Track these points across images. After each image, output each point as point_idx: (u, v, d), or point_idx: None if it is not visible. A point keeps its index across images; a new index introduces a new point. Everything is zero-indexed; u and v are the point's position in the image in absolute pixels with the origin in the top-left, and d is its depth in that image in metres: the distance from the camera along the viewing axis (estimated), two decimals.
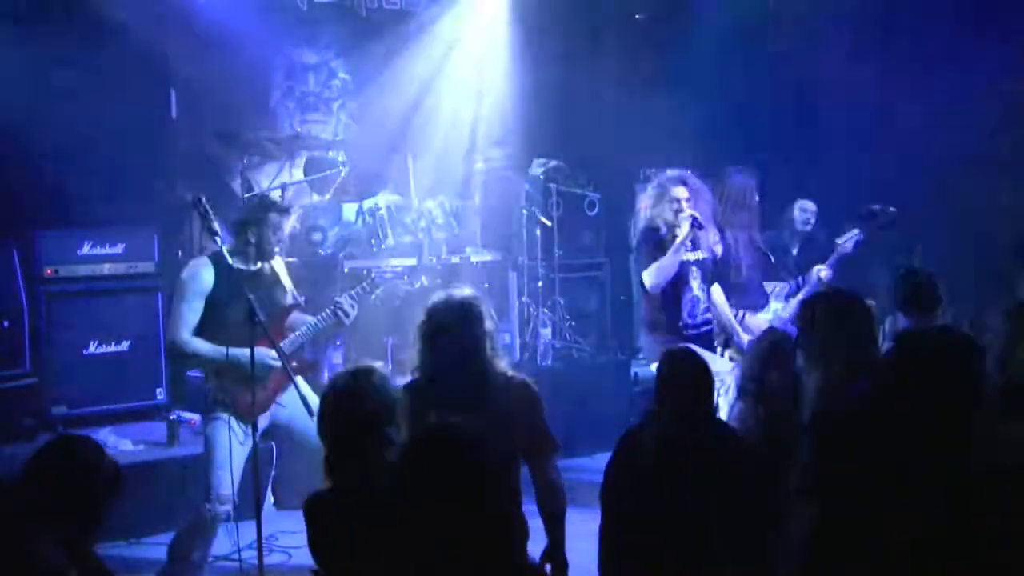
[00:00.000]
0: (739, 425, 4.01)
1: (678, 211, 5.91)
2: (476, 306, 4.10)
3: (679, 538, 3.57)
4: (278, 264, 5.36)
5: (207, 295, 4.99)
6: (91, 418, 6.59)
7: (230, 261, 4.97)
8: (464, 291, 4.21)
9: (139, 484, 5.92)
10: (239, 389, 4.92)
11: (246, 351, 4.66)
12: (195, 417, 6.79)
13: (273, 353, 4.98)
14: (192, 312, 5.02)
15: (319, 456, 5.04)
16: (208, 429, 5.07)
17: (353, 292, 5.49)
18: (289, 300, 5.40)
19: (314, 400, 5.15)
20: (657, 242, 5.94)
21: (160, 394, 7.00)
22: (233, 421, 4.98)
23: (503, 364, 4.11)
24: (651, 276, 5.88)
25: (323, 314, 5.35)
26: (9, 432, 6.35)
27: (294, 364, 5.11)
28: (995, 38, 7.92)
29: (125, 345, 6.90)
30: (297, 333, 5.31)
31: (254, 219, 5.17)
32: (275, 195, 6.58)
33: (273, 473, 6.06)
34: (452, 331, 4.02)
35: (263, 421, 5.11)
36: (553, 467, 4.09)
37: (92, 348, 6.80)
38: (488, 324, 4.10)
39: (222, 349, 4.87)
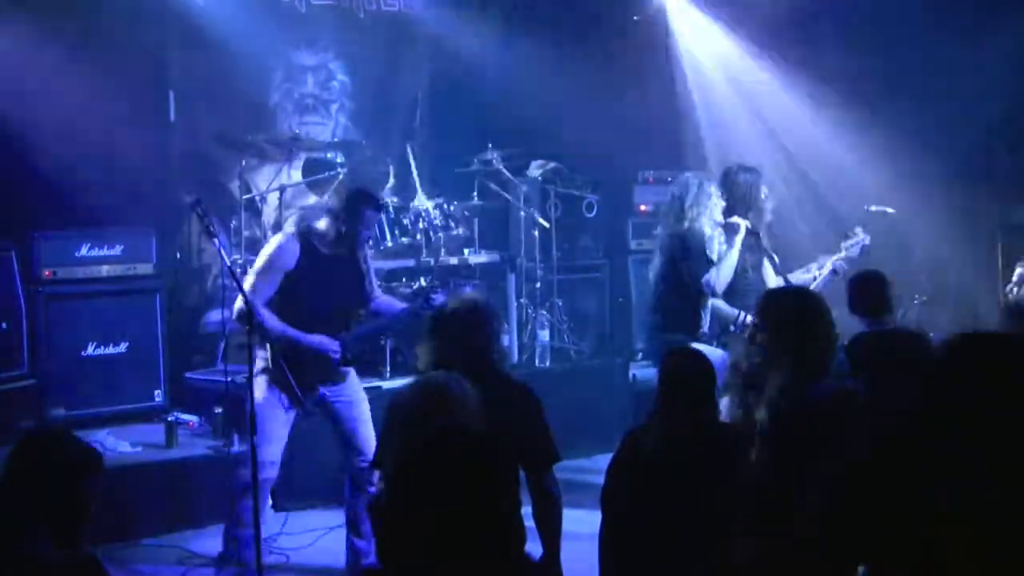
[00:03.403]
0: (728, 415, 4.02)
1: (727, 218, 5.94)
2: (487, 308, 4.11)
3: (681, 539, 3.57)
4: (362, 256, 5.36)
5: (288, 271, 4.98)
6: (89, 420, 6.58)
7: (316, 244, 5.09)
8: (476, 293, 4.22)
9: (138, 486, 5.94)
10: (294, 369, 4.92)
11: (312, 337, 4.77)
12: (193, 419, 6.80)
13: (335, 345, 5.08)
14: (269, 285, 5.01)
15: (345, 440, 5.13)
16: (257, 394, 4.98)
17: (445, 287, 5.64)
18: (372, 291, 5.40)
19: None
20: (703, 251, 5.90)
21: (158, 396, 7.00)
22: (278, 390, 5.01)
23: (506, 369, 4.09)
24: (722, 276, 5.81)
25: (414, 305, 5.37)
26: (7, 434, 6.34)
27: (349, 356, 5.19)
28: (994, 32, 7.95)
29: (123, 347, 6.90)
30: (370, 324, 5.39)
31: (348, 209, 5.18)
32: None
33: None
34: (461, 331, 4.02)
35: (310, 399, 5.15)
36: (551, 479, 4.05)
37: (90, 350, 6.80)
38: (496, 328, 4.09)
39: (291, 332, 4.86)
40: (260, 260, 5.15)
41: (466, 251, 7.96)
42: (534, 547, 3.89)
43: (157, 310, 7.01)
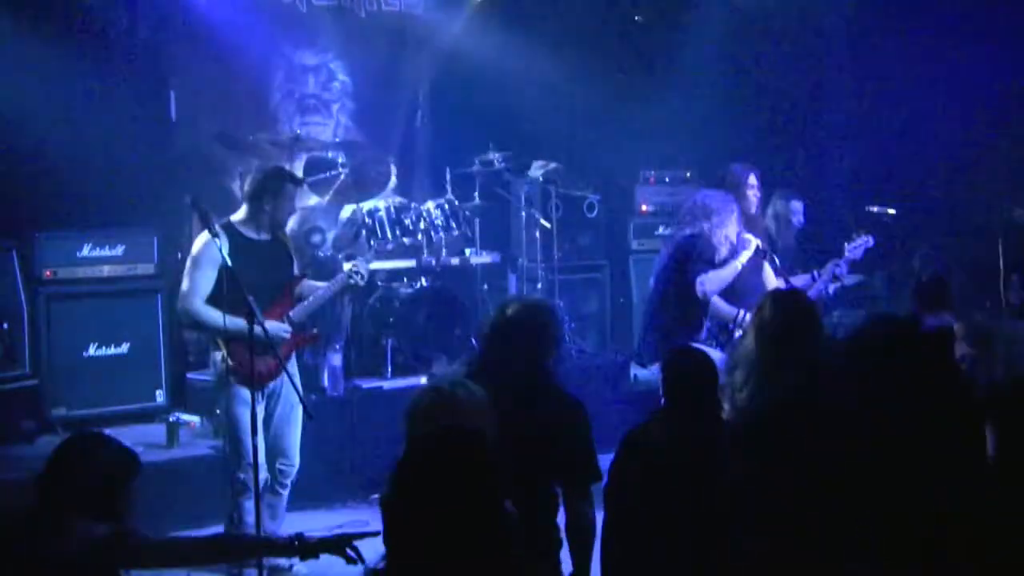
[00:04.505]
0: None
1: (740, 232, 6.00)
2: (547, 313, 4.03)
3: (681, 538, 3.57)
4: (285, 237, 5.45)
5: (220, 264, 4.94)
6: (91, 420, 6.57)
7: (243, 231, 5.16)
8: (538, 297, 4.16)
9: (138, 486, 5.92)
10: (248, 358, 4.82)
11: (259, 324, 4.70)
12: (194, 419, 6.80)
13: (285, 325, 5.17)
14: (205, 281, 5.05)
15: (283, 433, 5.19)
16: (225, 400, 5.10)
17: (365, 256, 5.67)
18: (296, 271, 5.48)
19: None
20: (712, 258, 5.96)
21: (160, 396, 7.01)
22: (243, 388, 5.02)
23: (558, 379, 3.97)
24: (710, 284, 5.87)
25: (337, 277, 5.46)
26: (9, 434, 6.36)
27: (301, 335, 5.31)
28: (996, 35, 7.93)
29: (125, 347, 6.91)
30: (309, 300, 5.40)
31: (271, 188, 5.23)
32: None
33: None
34: (518, 333, 3.92)
35: (270, 386, 5.20)
36: (588, 499, 3.89)
37: (92, 350, 6.81)
38: (555, 334, 4.00)
39: (235, 320, 4.77)
40: (191, 259, 5.16)
41: (467, 251, 7.95)
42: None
43: (158, 310, 7.02)
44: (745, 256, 5.96)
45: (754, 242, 6.01)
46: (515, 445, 3.26)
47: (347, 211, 7.72)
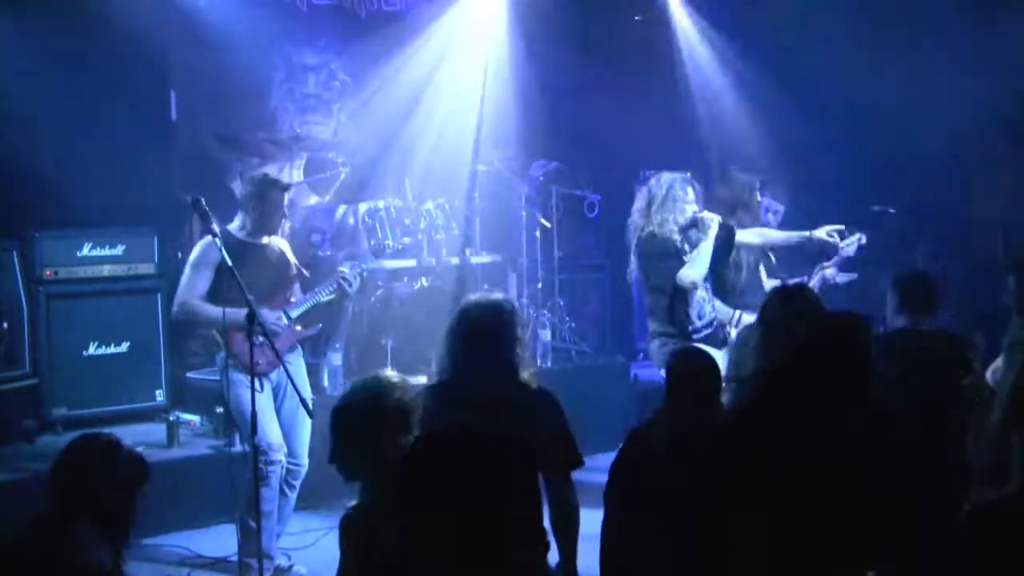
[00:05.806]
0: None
1: (695, 212, 5.86)
2: (509, 310, 4.05)
3: (685, 536, 3.57)
4: (280, 241, 5.63)
5: (217, 265, 5.14)
6: (91, 419, 6.58)
7: (238, 235, 5.35)
8: (497, 294, 4.19)
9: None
10: (246, 348, 4.94)
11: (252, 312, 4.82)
12: (194, 419, 6.81)
13: (280, 315, 5.33)
14: (202, 280, 5.28)
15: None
16: (229, 392, 5.20)
17: (356, 264, 5.73)
18: (293, 271, 5.62)
19: (305, 384, 5.40)
20: (676, 251, 5.88)
21: (160, 396, 7.01)
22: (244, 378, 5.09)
23: (528, 373, 4.02)
24: (695, 270, 5.72)
25: (326, 284, 5.56)
26: (9, 433, 6.36)
27: (298, 328, 5.47)
28: (996, 31, 7.93)
29: (125, 346, 6.91)
30: (302, 298, 5.52)
31: (258, 195, 5.43)
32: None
33: None
34: (483, 333, 3.95)
35: (273, 376, 5.33)
36: (570, 485, 3.96)
37: (92, 349, 6.81)
38: (519, 330, 4.03)
39: (229, 311, 4.97)
40: (190, 260, 5.39)
41: (467, 251, 7.96)
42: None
43: (158, 310, 7.02)
44: (713, 232, 5.78)
45: (715, 219, 5.86)
46: (495, 447, 3.27)
47: (341, 210, 7.73)
